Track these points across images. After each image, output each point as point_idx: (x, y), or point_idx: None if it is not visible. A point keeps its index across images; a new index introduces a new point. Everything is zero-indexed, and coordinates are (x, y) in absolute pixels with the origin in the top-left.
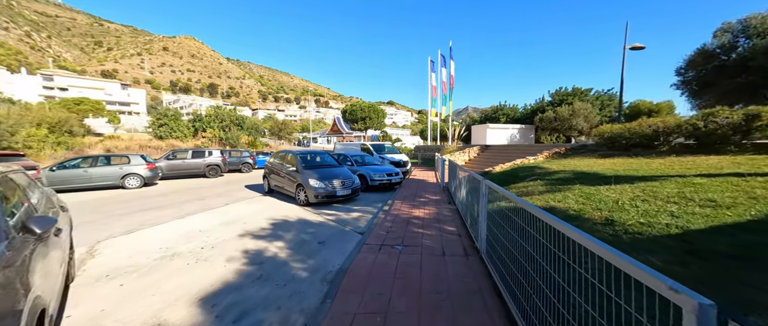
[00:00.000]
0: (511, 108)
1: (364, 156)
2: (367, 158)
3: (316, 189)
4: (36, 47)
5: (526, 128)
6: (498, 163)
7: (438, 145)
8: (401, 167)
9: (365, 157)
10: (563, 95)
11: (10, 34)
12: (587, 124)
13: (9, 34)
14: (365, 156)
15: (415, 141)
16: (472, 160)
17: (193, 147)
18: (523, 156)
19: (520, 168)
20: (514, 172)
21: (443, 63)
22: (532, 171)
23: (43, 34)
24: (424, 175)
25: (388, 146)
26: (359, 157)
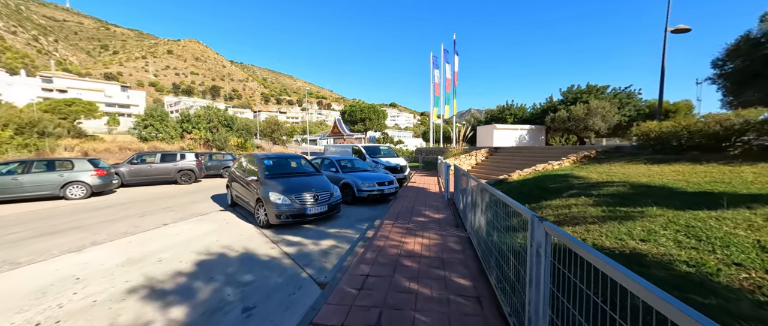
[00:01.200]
0: (519, 108)
1: (354, 160)
2: (357, 163)
3: (279, 207)
4: (42, 51)
5: (535, 129)
6: (512, 168)
7: (441, 147)
8: (398, 173)
9: (355, 162)
10: (576, 93)
11: (18, 37)
12: (605, 124)
13: (17, 37)
14: (355, 160)
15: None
16: (479, 164)
17: (179, 149)
18: (544, 160)
19: (545, 176)
20: (539, 183)
21: (446, 58)
22: (565, 182)
23: (50, 37)
24: (426, 182)
25: (384, 148)
26: (348, 162)
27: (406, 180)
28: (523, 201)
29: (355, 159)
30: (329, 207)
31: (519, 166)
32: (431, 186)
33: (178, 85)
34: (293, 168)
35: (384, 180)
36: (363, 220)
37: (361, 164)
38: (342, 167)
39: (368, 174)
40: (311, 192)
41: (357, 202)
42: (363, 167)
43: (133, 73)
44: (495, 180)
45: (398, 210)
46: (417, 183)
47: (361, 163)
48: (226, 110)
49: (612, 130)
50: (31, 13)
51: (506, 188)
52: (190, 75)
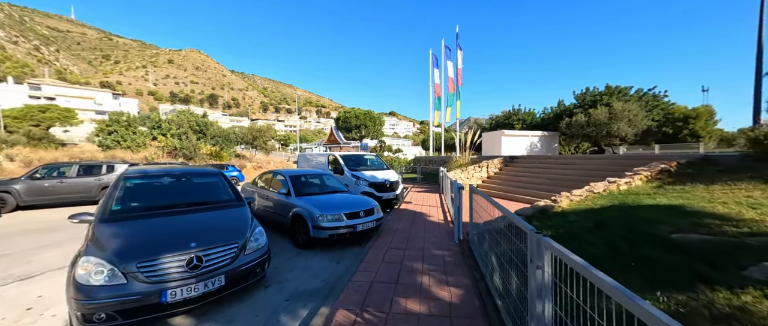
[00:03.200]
0: (528, 112)
1: (324, 176)
2: (329, 180)
3: (84, 292)
4: (43, 60)
5: (548, 136)
6: (543, 186)
7: (442, 157)
8: (387, 191)
9: (326, 179)
10: (595, 95)
11: (19, 47)
12: (632, 130)
13: (18, 47)
14: (325, 176)
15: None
16: (492, 177)
17: (141, 159)
18: (598, 176)
19: (625, 206)
20: (630, 223)
21: (448, 55)
22: (688, 220)
23: (52, 47)
24: (425, 202)
25: (371, 158)
26: (317, 179)
27: (399, 200)
28: (628, 273)
29: (325, 174)
30: (227, 281)
31: (556, 184)
32: (432, 211)
33: (176, 94)
34: (164, 197)
35: (358, 208)
36: (309, 292)
37: (333, 182)
38: (297, 187)
39: (336, 199)
40: (178, 256)
41: (312, 245)
42: (334, 187)
43: (132, 82)
44: (535, 209)
45: (376, 268)
46: (413, 204)
47: (333, 181)
48: (204, 115)
49: (640, 137)
50: (35, 24)
51: (566, 229)
52: (190, 84)
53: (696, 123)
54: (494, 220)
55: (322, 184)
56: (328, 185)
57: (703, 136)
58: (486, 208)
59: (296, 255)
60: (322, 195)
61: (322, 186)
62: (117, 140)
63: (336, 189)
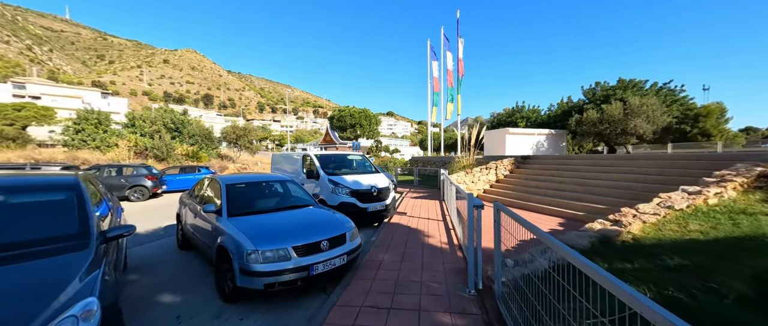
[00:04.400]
0: (532, 110)
1: (285, 184)
2: (290, 189)
3: None
4: (36, 60)
5: (556, 134)
6: (573, 195)
7: (442, 157)
8: (374, 201)
9: (286, 187)
10: (607, 90)
11: (11, 47)
12: (650, 127)
13: (10, 47)
14: (287, 183)
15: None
16: (502, 181)
17: (108, 160)
18: (661, 182)
19: (747, 237)
20: None
21: (448, 46)
22: None
23: (45, 47)
24: (421, 213)
25: (358, 159)
26: (273, 188)
27: (390, 212)
28: None
29: (286, 180)
30: None
31: (588, 191)
32: (433, 227)
33: (169, 94)
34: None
35: (320, 235)
36: None
37: (297, 192)
38: (234, 201)
39: (289, 220)
40: None
41: (242, 296)
42: (297, 199)
43: (126, 82)
44: (590, 236)
45: None
46: (408, 216)
47: (296, 191)
48: (185, 112)
49: (659, 135)
50: (28, 24)
51: (670, 280)
52: (185, 84)
53: (706, 121)
54: (528, 248)
55: (277, 195)
56: (288, 197)
57: (715, 134)
58: (512, 231)
59: (215, 316)
60: (269, 213)
61: (276, 199)
62: (84, 139)
63: (297, 203)
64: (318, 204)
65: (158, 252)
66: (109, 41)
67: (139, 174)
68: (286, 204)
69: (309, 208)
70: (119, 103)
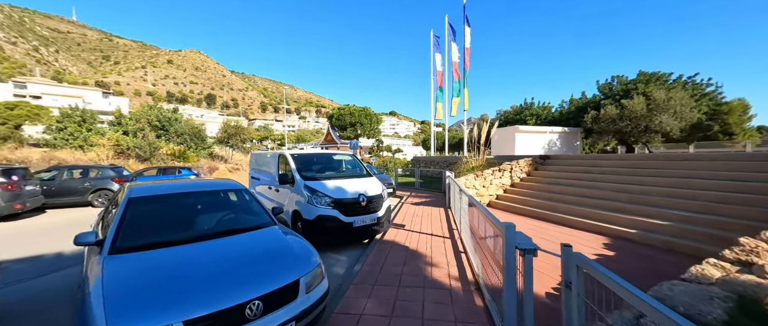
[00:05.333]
0: (542, 106)
1: (236, 193)
2: (241, 204)
3: None
4: (42, 61)
5: (569, 132)
6: (617, 206)
7: (446, 157)
8: (362, 213)
9: (235, 201)
10: (626, 84)
11: (17, 48)
12: (678, 123)
13: (17, 48)
14: (230, 197)
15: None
16: (519, 185)
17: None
18: (758, 191)
19: None
20: None
21: (453, 36)
22: None
23: (51, 48)
24: (423, 226)
25: (345, 159)
26: (218, 199)
27: (383, 226)
28: None
29: (235, 189)
30: None
31: (638, 200)
32: (436, 250)
33: (172, 94)
34: None
35: (244, 293)
36: None
37: (245, 208)
38: (127, 232)
39: (205, 259)
40: None
41: None
42: (241, 219)
43: (131, 83)
44: (720, 300)
45: None
46: (407, 230)
47: (246, 206)
48: (176, 111)
49: (687, 132)
50: (35, 25)
51: None
52: (189, 84)
53: (729, 118)
54: None
55: (209, 213)
56: (228, 215)
57: (737, 133)
58: None
59: None
60: (183, 246)
61: (205, 219)
62: (65, 138)
63: (239, 225)
64: (274, 225)
65: (46, 291)
66: (115, 42)
67: (104, 177)
68: (220, 229)
69: (255, 233)
70: (121, 102)
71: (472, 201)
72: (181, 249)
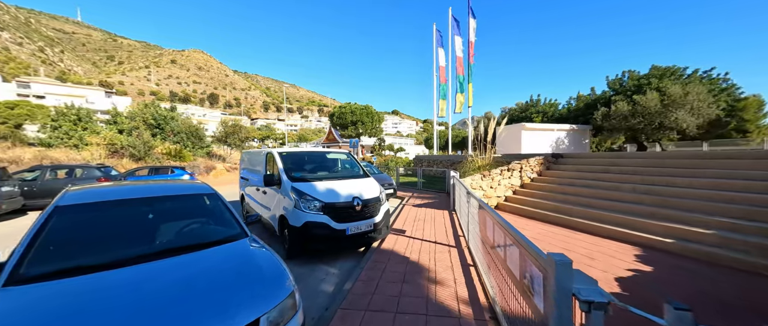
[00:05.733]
0: (549, 103)
1: (209, 198)
2: (204, 211)
3: None
4: (47, 61)
5: (578, 130)
6: (642, 210)
7: (450, 156)
8: (356, 219)
9: (197, 207)
10: (638, 79)
11: (23, 48)
12: (696, 119)
13: (22, 48)
14: (189, 203)
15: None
16: (530, 186)
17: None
18: None
19: None
20: None
21: (457, 30)
22: None
23: (57, 49)
24: (426, 232)
25: (340, 158)
26: (176, 206)
27: (381, 232)
28: None
29: (208, 195)
30: None
31: (669, 204)
32: (440, 263)
33: (174, 93)
34: None
35: None
36: None
37: (207, 218)
38: (38, 256)
39: (135, 295)
40: None
41: None
42: (198, 233)
43: (135, 83)
44: None
45: None
46: (407, 237)
47: (209, 215)
48: (174, 109)
49: (704, 130)
50: (41, 26)
51: None
52: (192, 84)
53: (744, 115)
54: None
55: (161, 224)
56: (185, 227)
57: (752, 130)
58: None
59: None
60: (115, 270)
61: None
62: (60, 137)
63: (195, 241)
64: (244, 237)
65: None
66: (119, 42)
67: (89, 177)
68: (172, 245)
69: (217, 250)
70: (123, 102)
71: (482, 205)
72: (110, 276)
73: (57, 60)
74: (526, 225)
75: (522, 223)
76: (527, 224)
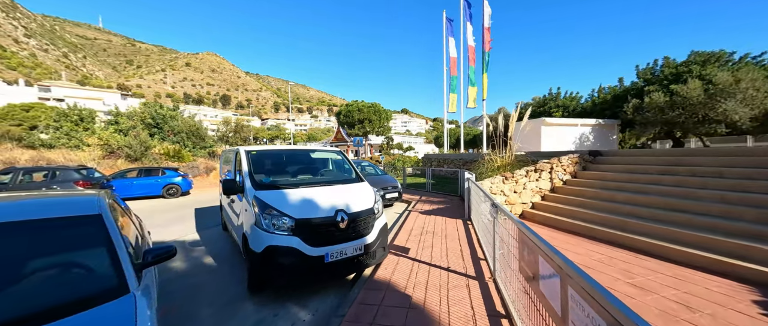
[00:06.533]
0: (570, 97)
1: (71, 228)
2: (57, 256)
3: None
4: (71, 66)
5: (604, 125)
6: (754, 223)
7: (462, 154)
8: (341, 241)
9: (58, 245)
10: (676, 67)
11: (49, 54)
12: (749, 111)
13: (48, 54)
14: (62, 236)
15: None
16: (563, 191)
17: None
18: None
19: None
20: None
21: (469, 15)
22: None
23: (80, 54)
24: (434, 247)
25: (332, 158)
26: (39, 234)
27: (374, 258)
28: None
29: (74, 223)
30: None
31: None
32: (458, 303)
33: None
34: None
35: None
36: None
37: (79, 259)
38: None
39: None
40: None
41: None
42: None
43: (151, 85)
44: None
45: None
46: (410, 258)
47: (84, 257)
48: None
49: (758, 122)
50: (65, 33)
51: None
52: (206, 86)
53: None
54: None
55: None
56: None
57: None
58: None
59: None
60: None
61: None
62: (60, 137)
63: (24, 310)
64: (126, 293)
65: None
66: (137, 47)
67: (65, 179)
68: None
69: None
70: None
71: (527, 234)
72: None
73: (80, 65)
74: (566, 242)
75: (561, 239)
76: (567, 241)
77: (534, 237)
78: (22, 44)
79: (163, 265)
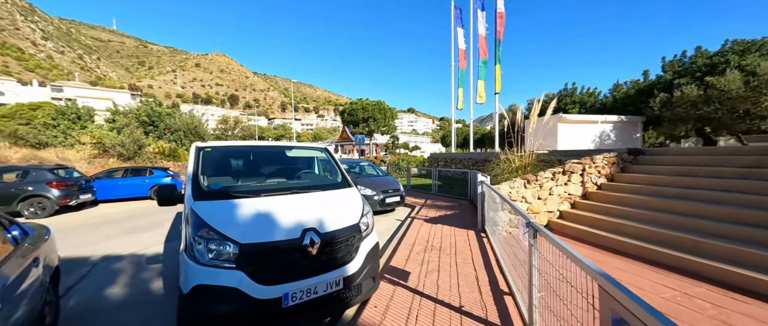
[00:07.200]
0: (587, 93)
1: None
2: None
3: None
4: (85, 68)
5: (627, 121)
6: None
7: (472, 154)
8: (310, 273)
9: None
10: (709, 57)
11: (64, 56)
12: None
13: (64, 56)
14: None
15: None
16: (596, 197)
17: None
18: None
19: None
20: None
21: (481, 3)
22: None
23: (94, 56)
24: (442, 272)
25: (321, 156)
26: None
27: (358, 292)
28: None
29: None
30: None
31: None
32: None
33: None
34: None
35: None
36: None
37: None
38: None
39: None
40: None
41: None
42: None
43: (162, 86)
44: None
45: None
46: (407, 288)
47: None
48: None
49: None
50: (80, 35)
51: None
52: (214, 86)
53: None
54: None
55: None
56: None
57: None
58: None
59: None
60: None
61: None
62: (56, 135)
63: None
64: None
65: None
66: (149, 48)
67: (38, 180)
68: None
69: None
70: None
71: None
72: None
73: (94, 66)
74: (617, 267)
75: (610, 264)
76: (617, 265)
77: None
78: (39, 46)
79: (95, 291)
